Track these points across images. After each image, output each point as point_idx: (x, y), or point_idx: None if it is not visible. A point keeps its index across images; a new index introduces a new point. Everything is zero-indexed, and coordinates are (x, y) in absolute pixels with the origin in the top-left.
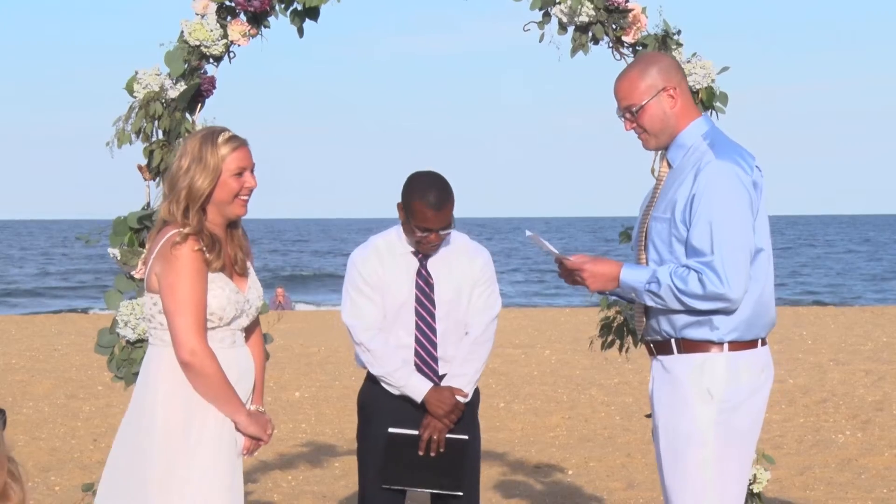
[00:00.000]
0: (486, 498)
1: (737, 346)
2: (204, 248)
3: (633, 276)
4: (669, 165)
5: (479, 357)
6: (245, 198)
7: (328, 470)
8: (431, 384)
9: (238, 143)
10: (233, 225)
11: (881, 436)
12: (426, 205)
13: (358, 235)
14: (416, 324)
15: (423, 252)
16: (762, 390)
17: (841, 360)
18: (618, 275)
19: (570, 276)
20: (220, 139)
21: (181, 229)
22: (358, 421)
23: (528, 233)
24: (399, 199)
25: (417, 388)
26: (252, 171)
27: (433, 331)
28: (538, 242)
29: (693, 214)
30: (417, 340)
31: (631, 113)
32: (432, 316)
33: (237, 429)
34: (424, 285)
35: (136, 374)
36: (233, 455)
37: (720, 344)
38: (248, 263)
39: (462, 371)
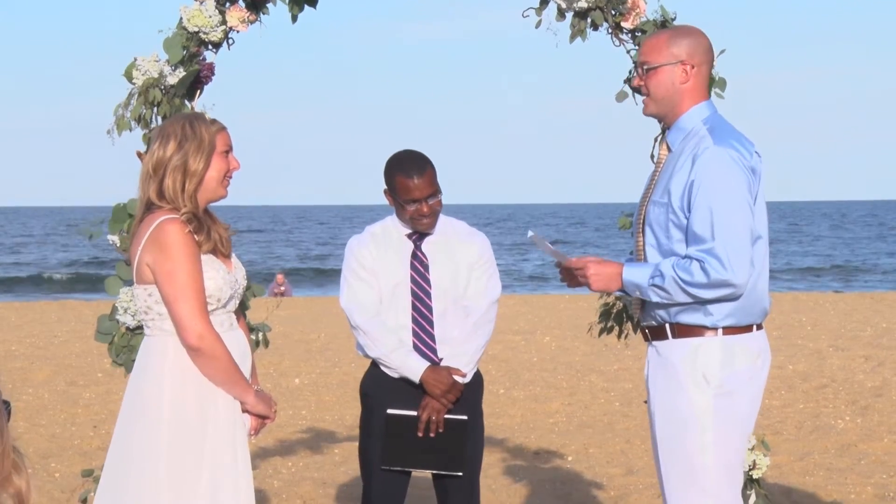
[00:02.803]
0: (485, 484)
1: (731, 330)
2: (192, 231)
3: (635, 273)
4: (669, 149)
5: (479, 338)
6: (230, 179)
7: (328, 456)
8: (428, 364)
9: (221, 125)
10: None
11: (880, 421)
12: (406, 175)
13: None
14: (413, 304)
15: (422, 229)
16: (759, 375)
17: (840, 345)
18: (620, 273)
19: (572, 277)
20: (207, 119)
21: (173, 214)
22: (361, 409)
23: (530, 233)
24: (384, 189)
25: (414, 368)
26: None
27: (430, 310)
28: (540, 244)
29: (692, 201)
30: (414, 320)
31: (643, 70)
32: (428, 295)
33: (244, 409)
34: (419, 265)
35: (135, 360)
36: (244, 437)
37: (714, 329)
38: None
39: (461, 351)
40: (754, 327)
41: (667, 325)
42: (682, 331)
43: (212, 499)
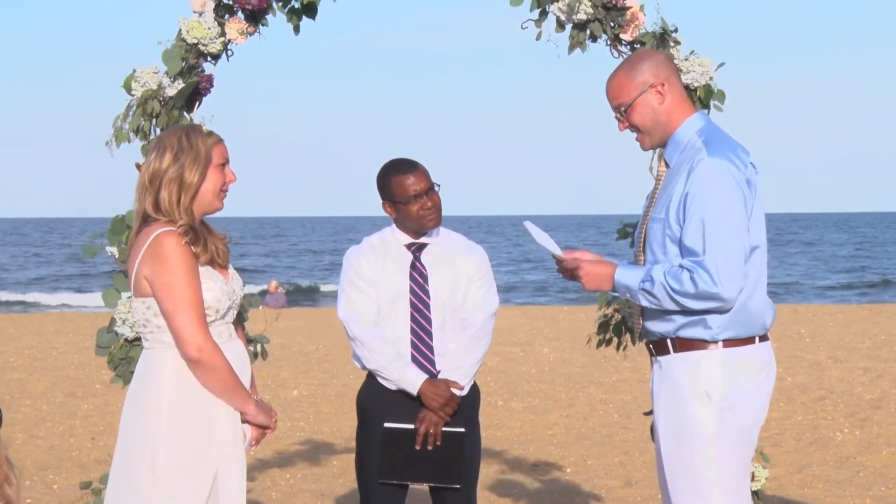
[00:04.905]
0: (484, 496)
1: (732, 343)
2: (189, 242)
3: (627, 276)
4: (667, 165)
5: (477, 351)
6: (226, 192)
7: (326, 468)
8: (426, 376)
9: (218, 137)
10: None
11: (879, 433)
12: (402, 174)
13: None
14: (412, 315)
15: (430, 226)
16: (763, 388)
17: (839, 357)
18: (613, 274)
19: (568, 272)
20: (204, 131)
21: (169, 227)
22: (358, 421)
23: (525, 223)
24: (381, 203)
25: (412, 380)
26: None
27: (429, 321)
28: (535, 235)
29: (686, 213)
30: (413, 332)
31: (621, 112)
32: (427, 307)
33: (245, 420)
34: (419, 276)
35: (133, 372)
36: (242, 450)
37: (714, 342)
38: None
39: (458, 364)
40: (757, 339)
41: (668, 340)
42: (683, 345)
43: None
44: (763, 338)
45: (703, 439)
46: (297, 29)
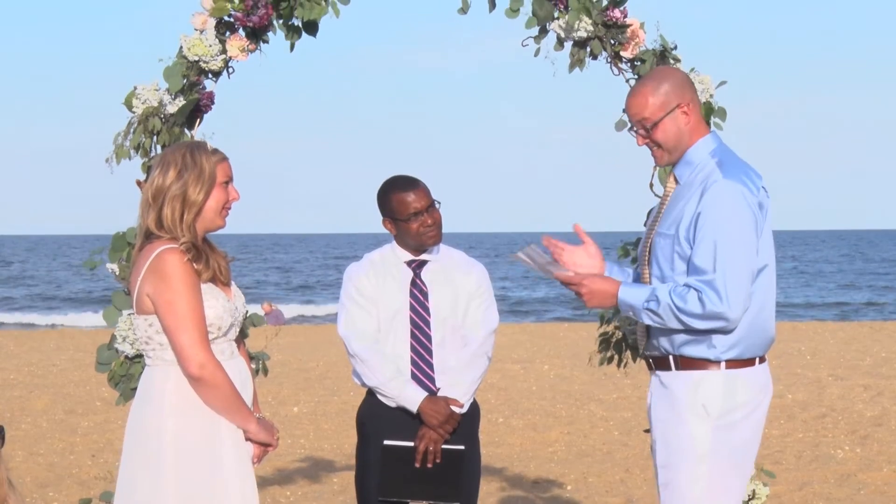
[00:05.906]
0: None
1: (734, 364)
2: (191, 260)
3: (631, 294)
4: (676, 181)
5: (477, 368)
6: (228, 209)
7: (326, 485)
8: (426, 394)
9: (223, 155)
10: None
11: (880, 451)
12: (403, 191)
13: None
14: (412, 332)
15: (430, 243)
16: (760, 408)
17: (840, 375)
18: (616, 293)
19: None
20: (209, 148)
21: (172, 244)
22: (357, 439)
23: (517, 255)
24: (382, 219)
25: (412, 398)
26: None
27: (429, 338)
28: (528, 261)
29: (697, 233)
30: (413, 349)
31: (645, 129)
32: (427, 324)
33: (247, 437)
34: (419, 293)
35: (135, 389)
36: (249, 464)
37: (717, 362)
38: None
39: (458, 381)
40: (757, 361)
41: (670, 357)
42: (686, 363)
43: None
44: (762, 359)
45: (695, 456)
46: (292, 47)
